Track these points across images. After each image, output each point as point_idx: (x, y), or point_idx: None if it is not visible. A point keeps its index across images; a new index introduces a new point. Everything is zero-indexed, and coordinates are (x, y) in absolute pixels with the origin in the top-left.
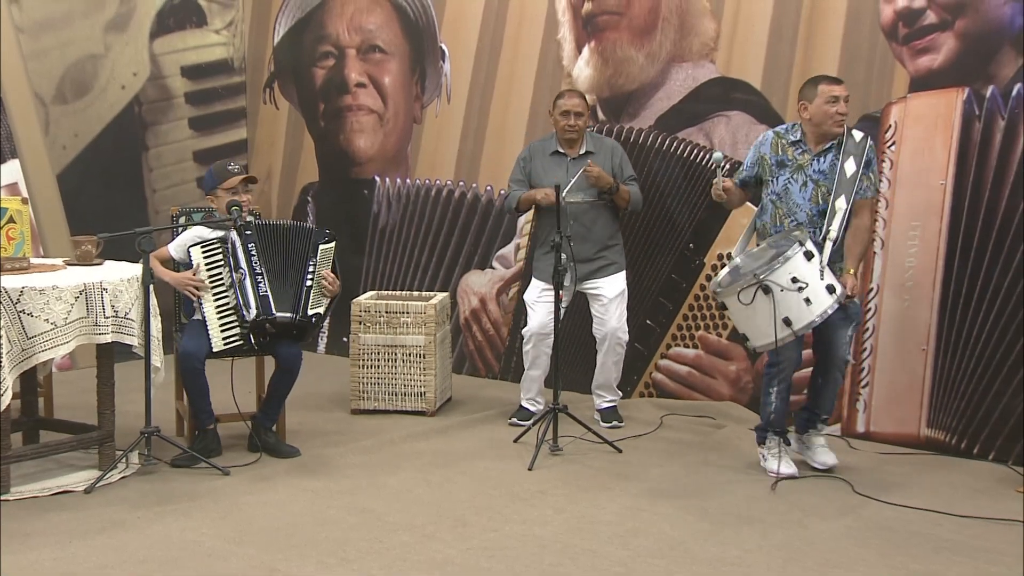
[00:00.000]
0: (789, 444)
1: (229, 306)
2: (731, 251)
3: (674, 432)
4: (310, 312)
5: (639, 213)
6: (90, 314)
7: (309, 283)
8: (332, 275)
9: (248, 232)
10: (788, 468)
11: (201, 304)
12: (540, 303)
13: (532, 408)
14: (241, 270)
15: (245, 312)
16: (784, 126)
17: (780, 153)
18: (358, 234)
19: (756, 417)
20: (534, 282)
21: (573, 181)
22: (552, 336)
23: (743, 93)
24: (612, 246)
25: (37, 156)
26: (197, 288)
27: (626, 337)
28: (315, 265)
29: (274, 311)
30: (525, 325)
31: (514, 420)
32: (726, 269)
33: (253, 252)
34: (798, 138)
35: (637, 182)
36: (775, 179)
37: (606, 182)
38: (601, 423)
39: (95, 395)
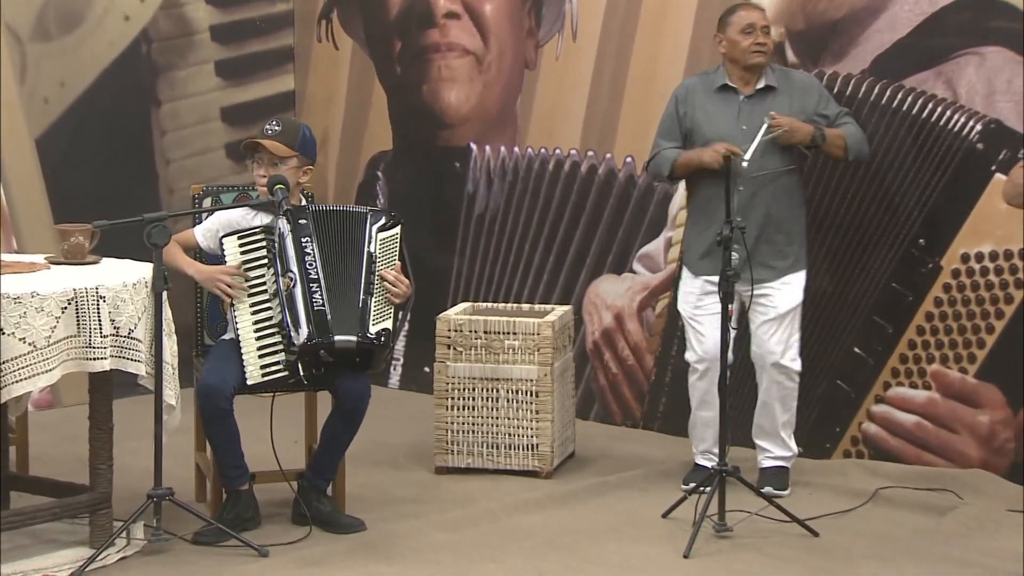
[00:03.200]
0: None
1: (271, 322)
2: (981, 250)
3: (895, 510)
4: (373, 330)
5: (837, 190)
6: (81, 331)
7: (369, 288)
8: (398, 273)
9: (302, 221)
10: None
11: (234, 316)
12: (706, 314)
13: (709, 464)
14: (291, 274)
15: (294, 333)
16: None
17: None
18: (446, 223)
19: (1021, 492)
20: (687, 279)
21: (760, 137)
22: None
23: (1005, 19)
24: (792, 233)
25: (9, 114)
26: (231, 287)
27: (796, 366)
28: (374, 262)
29: (333, 334)
30: (685, 348)
31: (689, 484)
32: None
33: (309, 249)
34: None
35: (852, 117)
36: None
37: (804, 133)
38: (745, 485)
39: (85, 444)
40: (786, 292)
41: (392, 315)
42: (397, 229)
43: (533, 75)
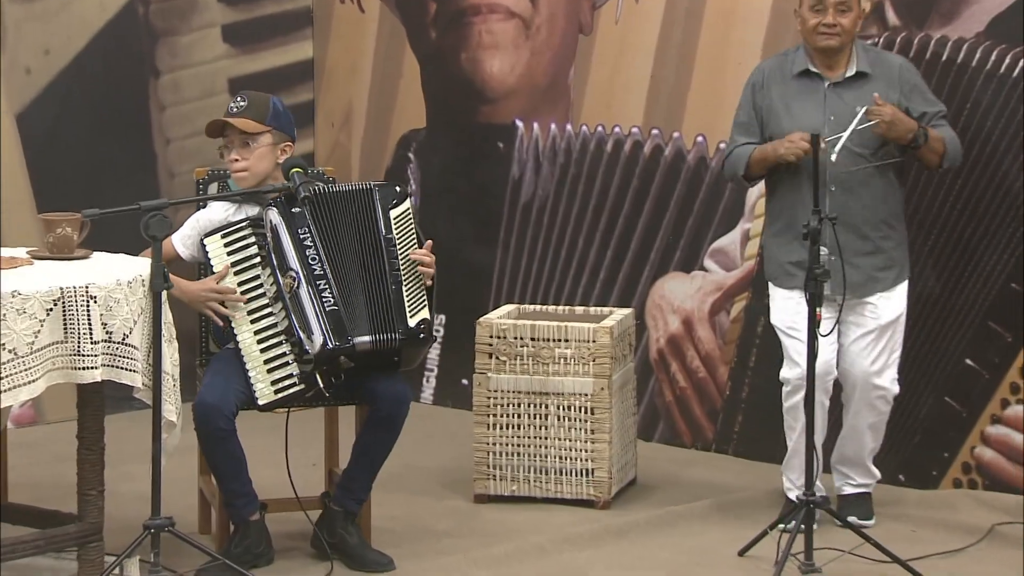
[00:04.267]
0: None
1: (276, 330)
2: None
3: (1014, 549)
4: (413, 321)
5: (944, 178)
6: (69, 337)
7: (396, 276)
8: (426, 251)
9: (296, 210)
10: None
11: (232, 328)
12: (806, 327)
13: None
14: (292, 273)
15: (306, 341)
16: None
17: None
18: (487, 213)
19: None
20: (777, 291)
21: (854, 125)
22: (832, 378)
23: None
24: (889, 236)
25: None
26: (223, 304)
27: (895, 388)
28: (395, 246)
29: (351, 336)
30: (765, 359)
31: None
32: None
33: (308, 241)
34: None
35: (947, 120)
36: None
37: (905, 129)
38: (836, 520)
39: (72, 466)
40: (886, 302)
41: (428, 301)
42: (408, 202)
43: (589, 41)
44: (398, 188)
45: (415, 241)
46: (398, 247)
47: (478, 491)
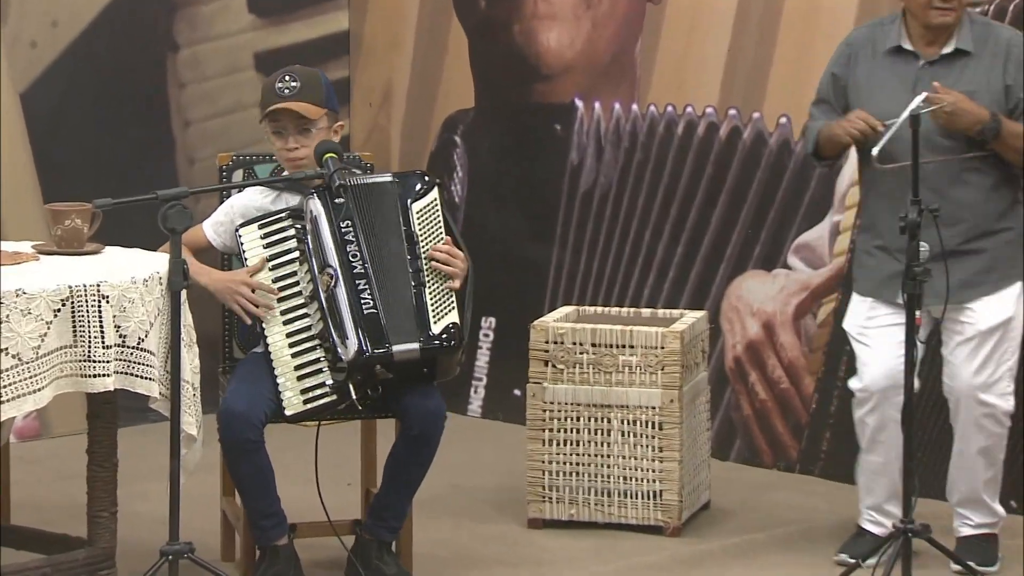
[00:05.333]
0: None
1: (310, 333)
2: None
3: None
4: (437, 328)
5: None
6: (79, 341)
7: (419, 275)
8: (448, 247)
9: (339, 200)
10: None
11: (262, 327)
12: (878, 327)
13: (877, 530)
14: (330, 270)
15: (340, 346)
16: None
17: None
18: (543, 204)
19: None
20: (856, 300)
21: (907, 113)
22: (899, 392)
23: None
24: (998, 234)
25: None
26: (255, 302)
27: (1007, 404)
28: (417, 243)
29: (390, 343)
30: (852, 374)
31: (841, 556)
32: None
33: (351, 235)
34: None
35: None
36: None
37: (972, 120)
38: (952, 565)
39: (82, 484)
40: (988, 306)
41: (457, 304)
42: (434, 193)
43: (658, 11)
44: (425, 176)
45: (441, 236)
46: (421, 244)
47: (532, 515)
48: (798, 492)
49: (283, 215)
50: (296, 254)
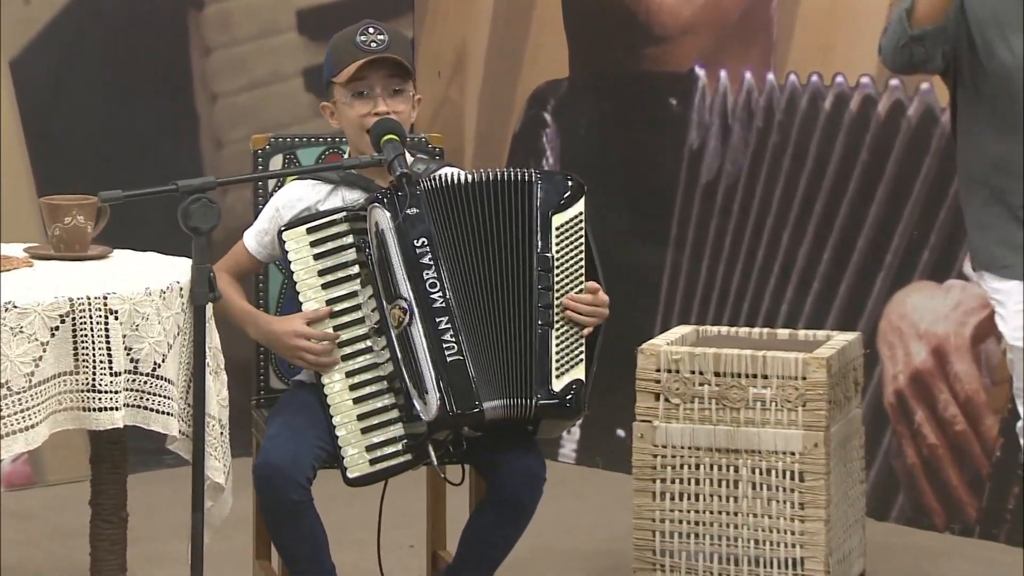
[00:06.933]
0: None
1: (377, 374)
2: None
3: None
4: (558, 383)
5: None
6: (81, 366)
7: (548, 315)
8: (595, 296)
9: (413, 210)
10: None
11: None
12: None
13: None
14: (403, 303)
15: (418, 402)
16: None
17: None
18: (654, 197)
19: None
20: (1008, 291)
21: None
22: None
23: None
24: None
25: None
26: (318, 356)
27: None
28: (552, 270)
29: (479, 400)
30: None
31: None
32: None
33: (428, 258)
34: None
35: None
36: None
37: None
38: None
39: (84, 543)
40: None
41: (586, 355)
42: (581, 204)
43: None
44: (570, 180)
45: (581, 264)
46: (556, 272)
47: None
48: (977, 562)
49: (338, 217)
50: (355, 269)
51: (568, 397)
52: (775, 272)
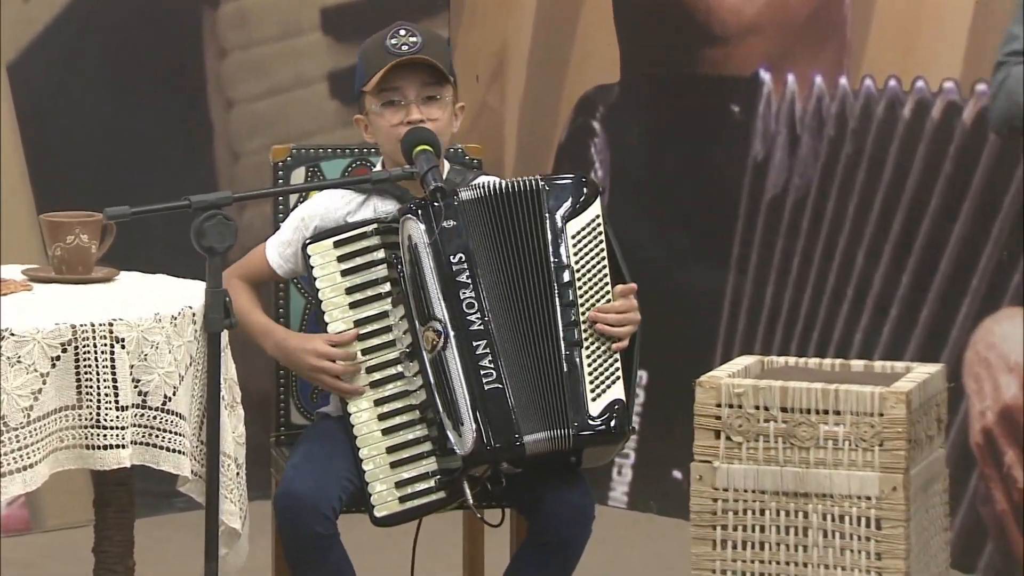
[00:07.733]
0: None
1: (408, 402)
2: None
3: None
4: (595, 406)
5: None
6: (84, 400)
7: (573, 331)
8: (624, 302)
9: (449, 223)
10: None
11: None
12: None
13: None
14: (437, 325)
15: (452, 434)
16: None
17: None
18: (713, 213)
19: None
20: None
21: None
22: None
23: None
24: None
25: None
26: (342, 380)
27: None
28: (574, 282)
29: (520, 433)
30: None
31: None
32: None
33: (465, 276)
34: None
35: None
36: None
37: None
38: None
39: None
40: None
41: (623, 369)
42: (597, 206)
43: None
44: (583, 180)
45: (605, 271)
46: (580, 280)
47: None
48: None
49: (368, 230)
50: (385, 287)
51: (607, 420)
52: (848, 297)
